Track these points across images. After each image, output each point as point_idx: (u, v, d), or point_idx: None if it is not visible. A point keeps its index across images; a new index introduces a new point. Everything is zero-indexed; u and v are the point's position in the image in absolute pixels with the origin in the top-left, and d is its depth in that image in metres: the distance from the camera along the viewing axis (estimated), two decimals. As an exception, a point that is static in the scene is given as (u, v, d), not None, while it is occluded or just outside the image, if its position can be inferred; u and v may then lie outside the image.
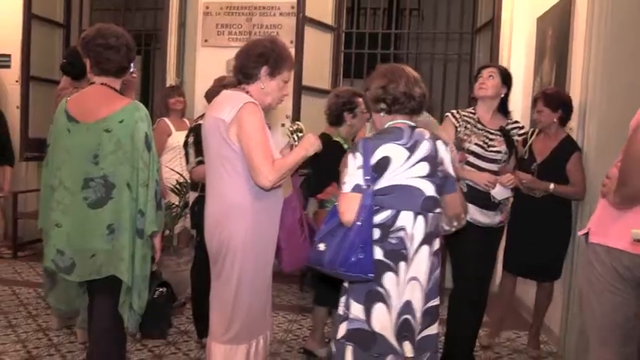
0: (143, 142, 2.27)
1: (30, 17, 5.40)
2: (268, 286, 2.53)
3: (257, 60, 2.40)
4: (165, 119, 4.50)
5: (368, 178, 2.12)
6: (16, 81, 5.60)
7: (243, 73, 2.44)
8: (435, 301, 2.27)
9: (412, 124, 2.27)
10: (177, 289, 3.80)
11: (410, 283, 2.18)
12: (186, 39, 5.46)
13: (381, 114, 2.28)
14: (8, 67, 5.89)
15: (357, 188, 2.11)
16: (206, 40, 5.41)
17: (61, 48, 5.90)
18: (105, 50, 2.35)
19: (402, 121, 2.26)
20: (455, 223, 2.41)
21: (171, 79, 5.34)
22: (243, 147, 2.29)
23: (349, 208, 2.10)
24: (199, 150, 2.87)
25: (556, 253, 3.49)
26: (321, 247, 2.16)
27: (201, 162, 2.96)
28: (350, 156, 2.18)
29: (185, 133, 4.42)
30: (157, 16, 5.65)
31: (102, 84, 2.38)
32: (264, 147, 2.29)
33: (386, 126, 2.27)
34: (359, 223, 2.08)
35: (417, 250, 2.18)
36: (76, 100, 2.42)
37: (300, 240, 2.61)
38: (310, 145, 2.43)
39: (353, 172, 2.14)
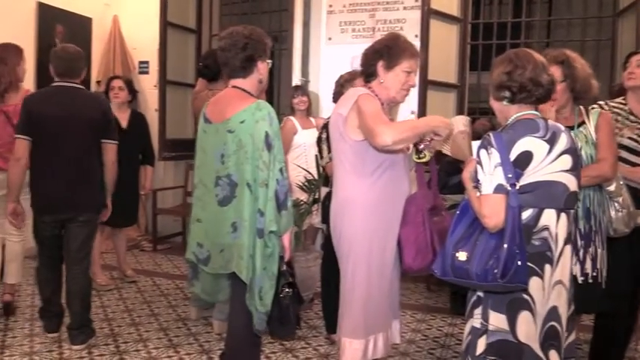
0: (263, 141, 2.27)
1: (166, 25, 5.74)
2: (389, 283, 2.50)
3: (373, 57, 2.48)
4: (292, 118, 4.60)
5: (511, 176, 1.92)
6: (155, 85, 5.98)
7: (365, 73, 2.54)
8: (572, 306, 2.11)
9: (540, 114, 2.10)
10: (306, 285, 3.87)
11: (555, 287, 2.01)
12: (310, 38, 5.52)
13: (504, 102, 2.08)
14: (147, 72, 6.31)
15: (500, 189, 1.92)
16: (330, 39, 5.45)
17: (194, 52, 6.22)
18: (222, 53, 2.43)
19: (531, 112, 2.07)
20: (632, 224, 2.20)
21: (296, 79, 5.45)
22: (361, 127, 2.32)
23: (495, 211, 1.92)
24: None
25: None
26: (462, 256, 1.96)
27: None
28: (482, 153, 1.99)
29: (310, 131, 4.55)
30: (282, 17, 5.78)
31: (233, 86, 2.45)
32: (378, 115, 2.30)
33: (513, 117, 2.08)
34: (510, 227, 1.89)
35: (561, 251, 2.01)
36: (213, 102, 2.53)
37: (425, 240, 2.46)
38: (440, 120, 2.36)
39: (490, 170, 1.94)
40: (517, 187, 1.93)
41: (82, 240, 3.32)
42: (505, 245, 1.88)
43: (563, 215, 2.01)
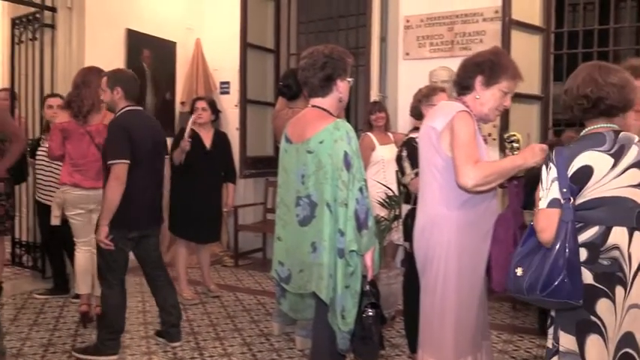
0: (342, 161, 2.26)
1: (245, 46, 5.91)
2: (479, 303, 2.42)
3: (472, 70, 2.38)
4: (370, 134, 4.60)
5: (565, 190, 1.88)
6: (235, 105, 6.15)
7: (460, 84, 2.44)
8: None
9: (616, 127, 1.99)
10: (388, 302, 3.83)
11: (630, 311, 1.90)
12: (387, 54, 5.52)
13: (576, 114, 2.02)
14: (228, 93, 6.51)
15: (554, 203, 1.89)
16: (407, 54, 5.42)
17: (273, 72, 6.36)
18: (302, 72, 2.45)
19: (605, 125, 1.99)
20: None
21: (374, 95, 5.45)
22: (452, 152, 2.25)
23: (548, 225, 1.89)
24: (415, 163, 2.87)
25: None
26: (519, 271, 1.97)
27: (419, 173, 2.96)
28: (543, 168, 1.97)
29: (389, 147, 4.53)
30: (359, 33, 5.81)
31: (313, 105, 2.47)
32: (469, 148, 2.21)
33: (585, 131, 2.03)
34: (560, 241, 1.85)
35: (636, 273, 1.90)
36: (293, 122, 2.56)
37: None
38: (532, 155, 2.25)
39: (547, 185, 1.92)
40: (572, 202, 1.87)
41: (158, 249, 3.75)
42: (551, 259, 1.85)
43: (637, 234, 1.90)
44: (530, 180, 3.15)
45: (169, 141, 4.15)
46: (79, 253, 4.00)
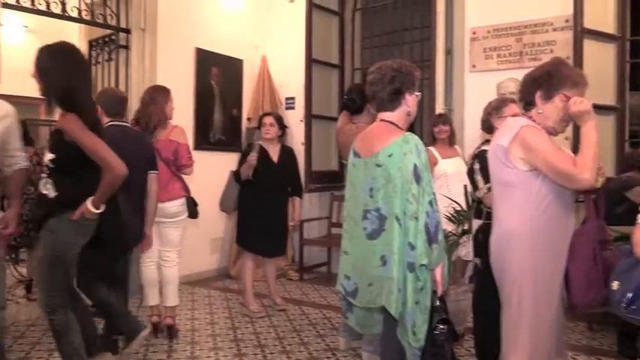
0: (412, 174, 2.27)
1: (310, 62, 5.98)
2: (556, 321, 2.36)
3: (531, 85, 2.38)
4: (431, 148, 4.54)
5: None
6: (300, 120, 6.22)
7: (523, 100, 2.44)
8: None
9: None
10: (456, 319, 3.73)
11: None
12: (453, 66, 5.46)
13: None
14: (293, 108, 6.59)
15: None
16: (474, 66, 5.34)
17: (337, 87, 6.40)
18: (369, 87, 2.47)
19: None
20: None
21: (439, 108, 5.39)
22: (542, 166, 2.23)
23: None
24: (487, 176, 2.83)
25: None
26: (614, 285, 1.95)
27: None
28: None
29: (453, 160, 4.47)
30: (424, 46, 5.77)
31: (381, 119, 2.48)
32: (557, 154, 2.22)
33: None
34: None
35: None
36: (361, 136, 2.57)
37: (597, 275, 2.31)
38: (586, 116, 2.26)
39: None
40: None
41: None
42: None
43: None
44: (609, 193, 3.04)
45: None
46: (145, 267, 4.12)
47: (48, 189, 2.80)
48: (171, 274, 4.12)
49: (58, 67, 2.72)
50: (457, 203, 3.76)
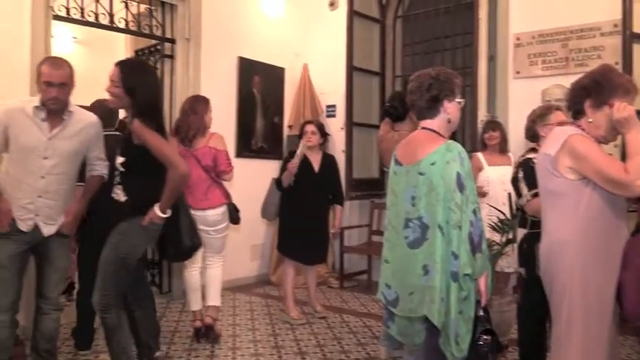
0: (455, 182, 2.24)
1: (351, 69, 6.00)
2: (608, 332, 2.28)
3: (580, 94, 2.34)
4: (479, 154, 4.49)
5: None
6: (341, 128, 6.23)
7: (571, 108, 2.40)
8: None
9: None
10: (500, 330, 3.67)
11: None
12: (496, 73, 5.39)
13: None
14: (334, 116, 6.61)
15: None
16: (518, 72, 5.25)
17: (378, 94, 6.39)
18: (409, 95, 2.48)
19: None
20: None
21: (482, 115, 5.32)
22: (592, 175, 2.20)
23: None
24: (532, 184, 2.79)
25: None
26: None
27: (536, 195, 2.85)
28: None
29: (500, 168, 4.39)
30: (466, 53, 5.71)
31: (422, 127, 2.47)
32: (606, 159, 2.19)
33: None
34: None
35: None
36: (403, 144, 2.56)
37: None
38: (632, 123, 2.19)
39: None
40: None
41: None
42: None
43: None
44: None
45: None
46: (189, 273, 4.20)
47: (117, 194, 3.02)
48: (214, 275, 4.25)
49: (144, 83, 2.96)
50: (500, 212, 3.70)
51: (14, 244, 3.06)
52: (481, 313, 2.34)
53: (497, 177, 4.38)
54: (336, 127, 6.43)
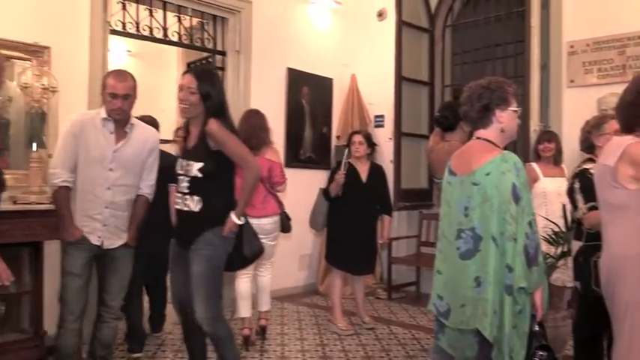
0: (510, 193, 2.20)
1: (400, 80, 5.97)
2: None
3: (631, 113, 2.28)
4: (533, 165, 4.40)
5: None
6: (390, 138, 6.21)
7: (625, 128, 2.33)
8: None
9: None
10: (555, 346, 3.56)
11: None
12: (549, 81, 5.27)
13: None
14: (382, 126, 6.59)
15: None
16: (572, 81, 5.12)
17: (427, 104, 6.35)
18: (462, 107, 2.47)
19: None
20: None
21: (534, 125, 5.21)
22: None
23: None
24: (589, 196, 2.71)
25: None
26: None
27: (593, 207, 2.78)
28: None
29: (556, 179, 4.29)
30: (517, 61, 5.62)
31: (477, 137, 2.44)
32: None
33: None
34: None
35: None
36: (457, 154, 2.54)
37: None
38: None
39: None
40: None
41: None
42: None
43: None
44: None
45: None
46: (240, 280, 4.28)
47: (187, 205, 2.97)
48: (266, 282, 4.45)
49: (216, 87, 3.02)
50: (555, 224, 3.61)
51: (85, 252, 3.15)
52: (536, 328, 2.29)
53: (553, 188, 4.28)
54: (384, 137, 6.41)
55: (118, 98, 3.09)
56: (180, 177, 3.02)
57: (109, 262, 3.25)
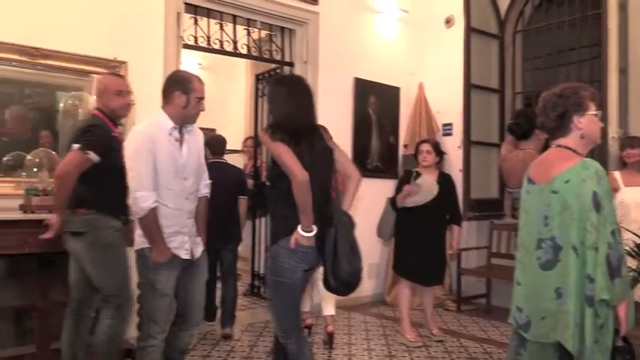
0: (591, 201, 2.12)
1: (469, 87, 5.85)
2: None
3: None
4: (615, 173, 4.21)
5: None
6: (458, 147, 6.09)
7: None
8: None
9: None
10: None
11: None
12: (628, 86, 5.04)
13: None
14: (450, 134, 6.49)
15: None
16: (654, 85, 4.89)
17: (497, 112, 6.19)
18: (538, 118, 2.43)
19: None
20: None
21: (612, 132, 4.99)
22: None
23: None
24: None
25: None
26: None
27: None
28: None
29: (637, 189, 4.08)
30: (593, 66, 5.40)
31: (557, 145, 2.38)
32: None
33: None
34: None
35: None
36: (537, 162, 2.48)
37: None
38: None
39: None
40: None
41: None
42: None
43: None
44: None
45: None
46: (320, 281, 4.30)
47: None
48: None
49: (273, 103, 2.96)
50: (638, 236, 3.42)
51: (177, 271, 3.06)
52: (620, 343, 2.17)
53: (632, 198, 4.08)
54: (452, 145, 6.30)
55: (203, 100, 3.10)
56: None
57: (193, 272, 3.17)
